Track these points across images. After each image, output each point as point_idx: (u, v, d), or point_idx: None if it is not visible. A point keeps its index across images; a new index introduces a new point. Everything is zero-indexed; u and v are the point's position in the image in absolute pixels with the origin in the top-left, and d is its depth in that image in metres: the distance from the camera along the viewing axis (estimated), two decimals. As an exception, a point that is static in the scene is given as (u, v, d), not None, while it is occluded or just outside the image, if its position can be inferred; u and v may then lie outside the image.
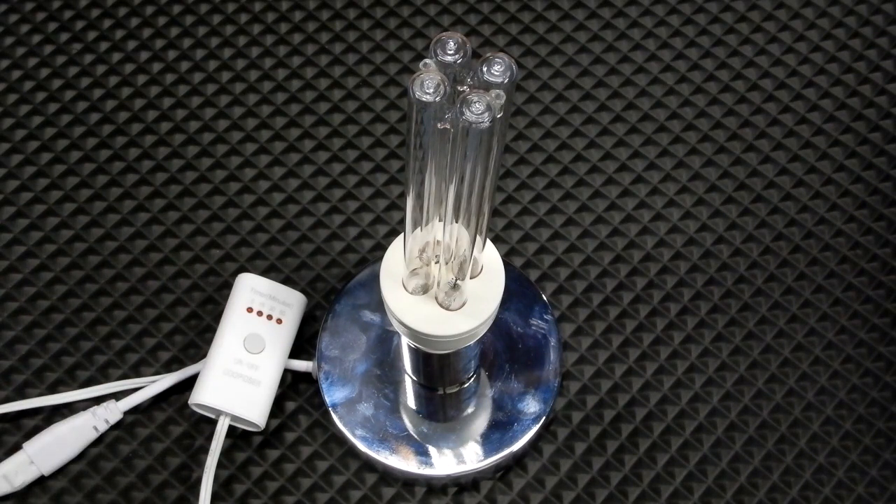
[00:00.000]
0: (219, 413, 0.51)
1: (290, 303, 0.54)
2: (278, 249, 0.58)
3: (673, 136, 0.61)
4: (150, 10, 0.64)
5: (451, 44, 0.35)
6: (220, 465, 0.53)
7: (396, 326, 0.44)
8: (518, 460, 0.54)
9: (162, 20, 0.63)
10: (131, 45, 0.63)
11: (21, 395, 0.55)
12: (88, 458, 0.53)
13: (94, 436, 0.53)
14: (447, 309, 0.43)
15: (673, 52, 0.63)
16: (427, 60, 0.34)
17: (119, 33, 0.63)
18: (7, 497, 0.52)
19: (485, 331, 0.44)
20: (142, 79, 0.62)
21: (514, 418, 0.53)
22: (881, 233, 0.59)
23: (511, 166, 0.60)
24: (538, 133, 0.61)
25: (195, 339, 0.56)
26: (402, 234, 0.43)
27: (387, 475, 0.53)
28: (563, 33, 0.63)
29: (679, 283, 0.57)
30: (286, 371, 0.54)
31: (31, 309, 0.56)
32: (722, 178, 0.60)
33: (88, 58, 0.62)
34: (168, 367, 0.55)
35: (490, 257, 0.43)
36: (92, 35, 0.63)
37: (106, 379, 0.55)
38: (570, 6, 0.64)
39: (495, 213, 0.59)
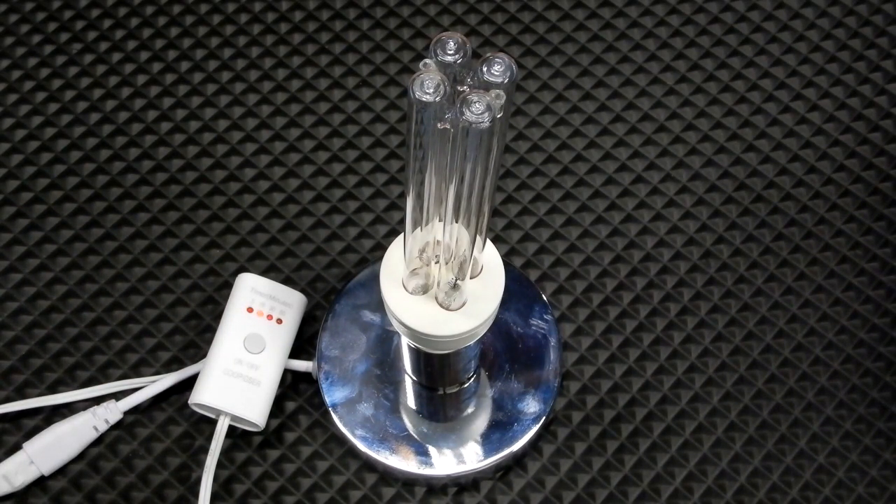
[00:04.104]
0: (219, 413, 0.51)
1: (290, 303, 0.54)
2: (278, 249, 0.58)
3: (673, 136, 0.61)
4: (150, 10, 0.64)
5: (451, 44, 0.35)
6: (220, 465, 0.53)
7: (396, 326, 0.44)
8: (518, 460, 0.54)
9: (162, 20, 0.63)
10: (131, 45, 0.63)
11: (21, 395, 0.55)
12: (88, 458, 0.53)
13: (94, 436, 0.53)
14: (447, 309, 0.43)
15: (673, 52, 0.63)
16: (427, 60, 0.34)
17: (119, 33, 0.63)
18: (7, 497, 0.52)
19: (485, 331, 0.44)
20: (142, 79, 0.62)
21: (514, 418, 0.53)
22: (881, 233, 0.59)
23: (511, 166, 0.60)
24: (538, 133, 0.61)
25: (195, 339, 0.56)
26: (402, 234, 0.43)
27: (387, 475, 0.53)
28: (563, 33, 0.63)
29: (679, 283, 0.57)
30: (286, 371, 0.54)
31: (31, 309, 0.56)
32: (722, 178, 0.60)
33: (88, 58, 0.62)
34: (168, 367, 0.55)
35: (490, 257, 0.43)
36: (92, 35, 0.63)
37: (106, 379, 0.55)
38: (570, 6, 0.64)
39: (495, 213, 0.59)
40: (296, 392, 0.55)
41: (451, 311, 0.43)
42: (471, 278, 0.43)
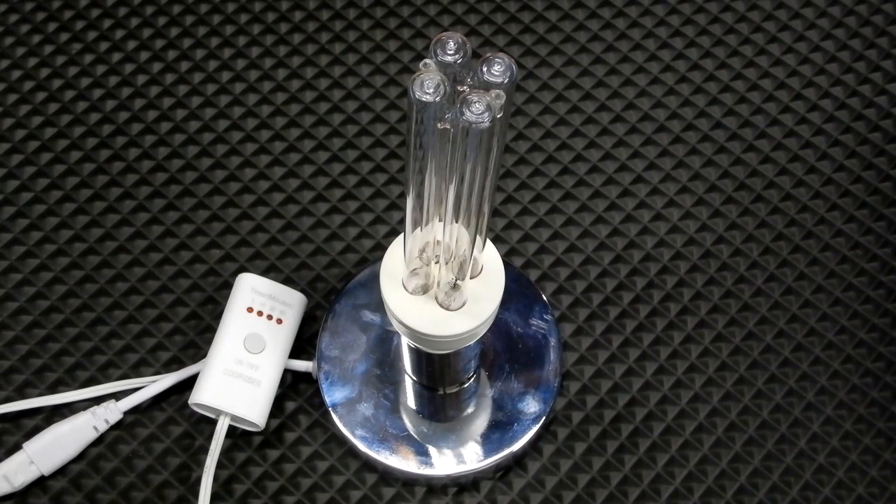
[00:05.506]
0: (219, 413, 0.51)
1: (290, 303, 0.54)
2: (278, 249, 0.58)
3: (673, 136, 0.61)
4: (150, 10, 0.64)
5: (451, 44, 0.35)
6: (220, 465, 0.53)
7: (396, 326, 0.44)
8: (518, 460, 0.54)
9: (162, 20, 0.63)
10: (131, 45, 0.63)
11: (21, 395, 0.55)
12: (88, 458, 0.53)
13: (94, 436, 0.53)
14: (447, 309, 0.43)
15: (673, 52, 0.63)
16: (427, 60, 0.34)
17: (119, 33, 0.63)
18: (7, 497, 0.52)
19: (485, 331, 0.44)
20: (142, 79, 0.62)
21: (514, 418, 0.53)
22: (881, 233, 0.59)
23: (511, 166, 0.60)
24: (538, 133, 0.61)
25: (195, 339, 0.56)
26: (402, 234, 0.43)
27: (387, 475, 0.53)
28: (563, 33, 0.63)
29: (679, 283, 0.57)
30: (286, 371, 0.54)
31: (31, 309, 0.56)
32: (722, 178, 0.60)
33: (88, 58, 0.62)
34: (168, 367, 0.55)
35: (490, 257, 0.43)
36: (92, 35, 0.63)
37: (106, 379, 0.55)
38: (570, 6, 0.64)
39: (495, 213, 0.59)
40: (296, 392, 0.55)
41: (451, 311, 0.43)
42: (471, 278, 0.43)
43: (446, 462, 0.52)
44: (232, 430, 0.53)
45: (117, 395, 0.54)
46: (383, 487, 0.53)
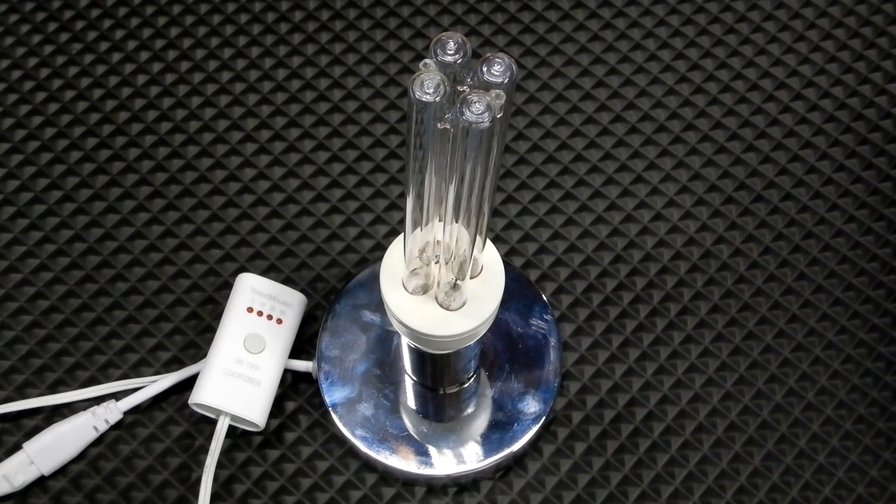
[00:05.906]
0: (219, 413, 0.51)
1: (290, 303, 0.54)
2: (278, 249, 0.58)
3: (673, 136, 0.61)
4: (150, 10, 0.64)
5: (451, 44, 0.35)
6: (220, 465, 0.53)
7: (396, 326, 0.44)
8: (518, 460, 0.54)
9: (162, 20, 0.63)
10: (131, 45, 0.63)
11: (21, 395, 0.55)
12: (88, 458, 0.53)
13: (94, 436, 0.53)
14: (447, 309, 0.43)
15: (673, 52, 0.63)
16: (427, 60, 0.34)
17: (119, 33, 0.63)
18: (7, 497, 0.52)
19: (485, 331, 0.44)
20: (142, 79, 0.62)
21: (514, 418, 0.53)
22: (881, 233, 0.59)
23: (511, 166, 0.60)
24: (538, 133, 0.61)
25: (195, 339, 0.56)
26: (402, 234, 0.43)
27: (387, 475, 0.53)
28: (563, 33, 0.63)
29: (679, 283, 0.57)
30: (286, 371, 0.54)
31: (31, 309, 0.56)
32: (722, 178, 0.60)
33: (88, 58, 0.62)
34: (168, 367, 0.55)
35: (490, 257, 0.44)
36: (92, 35, 0.63)
37: (106, 379, 0.55)
38: (570, 6, 0.64)
39: (495, 213, 0.59)
40: (296, 392, 0.55)
41: (451, 311, 0.43)
42: (471, 278, 0.43)
43: (446, 462, 0.52)
44: (232, 430, 0.53)
45: (117, 395, 0.54)
46: (383, 487, 0.53)
